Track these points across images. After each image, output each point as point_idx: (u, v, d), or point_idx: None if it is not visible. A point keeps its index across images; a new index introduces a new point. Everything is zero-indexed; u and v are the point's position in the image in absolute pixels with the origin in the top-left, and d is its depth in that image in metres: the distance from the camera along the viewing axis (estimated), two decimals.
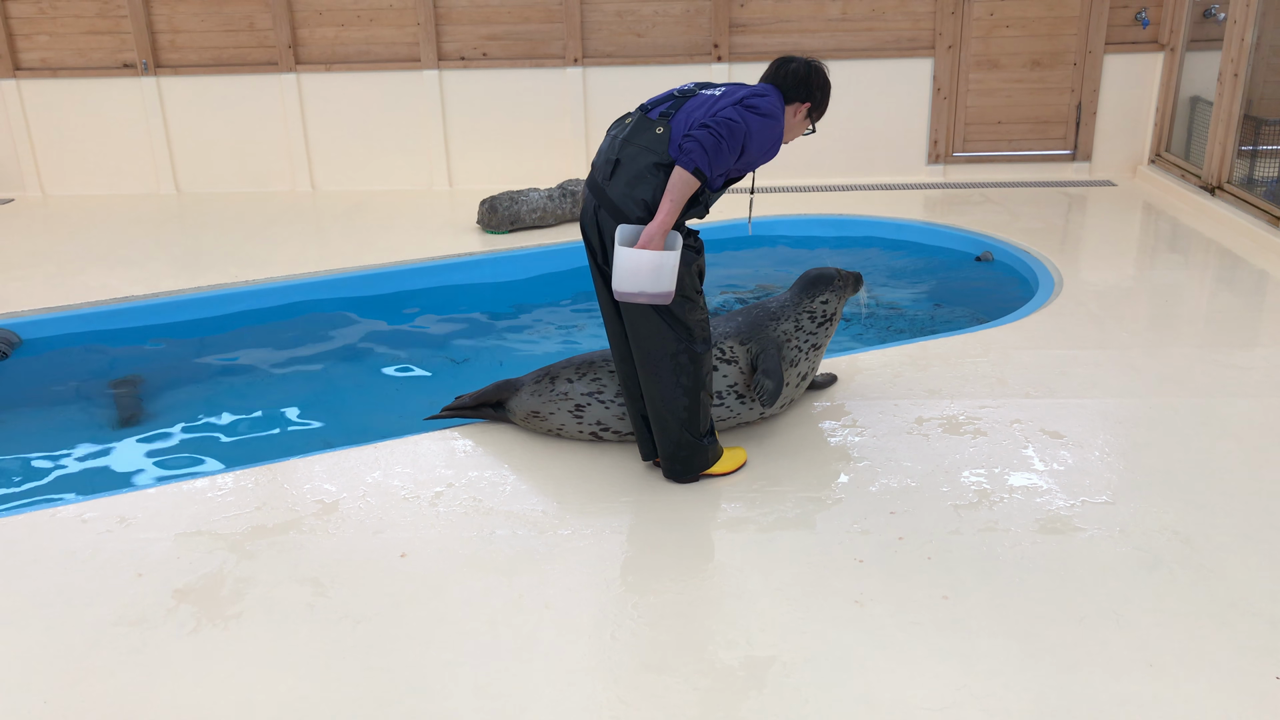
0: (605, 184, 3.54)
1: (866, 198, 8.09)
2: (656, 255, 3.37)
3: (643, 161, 3.47)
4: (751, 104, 3.49)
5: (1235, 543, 3.38)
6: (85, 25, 8.55)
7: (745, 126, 3.43)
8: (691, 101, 3.55)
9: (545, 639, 3.00)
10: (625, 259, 3.38)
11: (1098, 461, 3.92)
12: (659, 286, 3.41)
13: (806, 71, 3.66)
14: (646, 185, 3.47)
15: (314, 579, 3.31)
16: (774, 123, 3.53)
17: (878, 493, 3.73)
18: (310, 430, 4.88)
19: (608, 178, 3.53)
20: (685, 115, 3.49)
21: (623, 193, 3.49)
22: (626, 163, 3.50)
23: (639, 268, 3.38)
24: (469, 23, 8.44)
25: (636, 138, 3.51)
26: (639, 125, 3.53)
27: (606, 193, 3.53)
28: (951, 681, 2.78)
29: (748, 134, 3.44)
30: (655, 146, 3.46)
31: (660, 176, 3.44)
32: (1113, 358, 4.87)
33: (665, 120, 3.49)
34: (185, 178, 8.82)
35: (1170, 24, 8.10)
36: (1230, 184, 7.25)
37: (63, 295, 6.19)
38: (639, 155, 3.48)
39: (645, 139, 3.49)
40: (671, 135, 3.45)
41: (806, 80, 3.66)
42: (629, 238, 3.46)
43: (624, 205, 3.50)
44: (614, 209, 3.52)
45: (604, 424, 4.07)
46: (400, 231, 7.45)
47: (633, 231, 3.48)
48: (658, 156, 3.45)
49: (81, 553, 3.49)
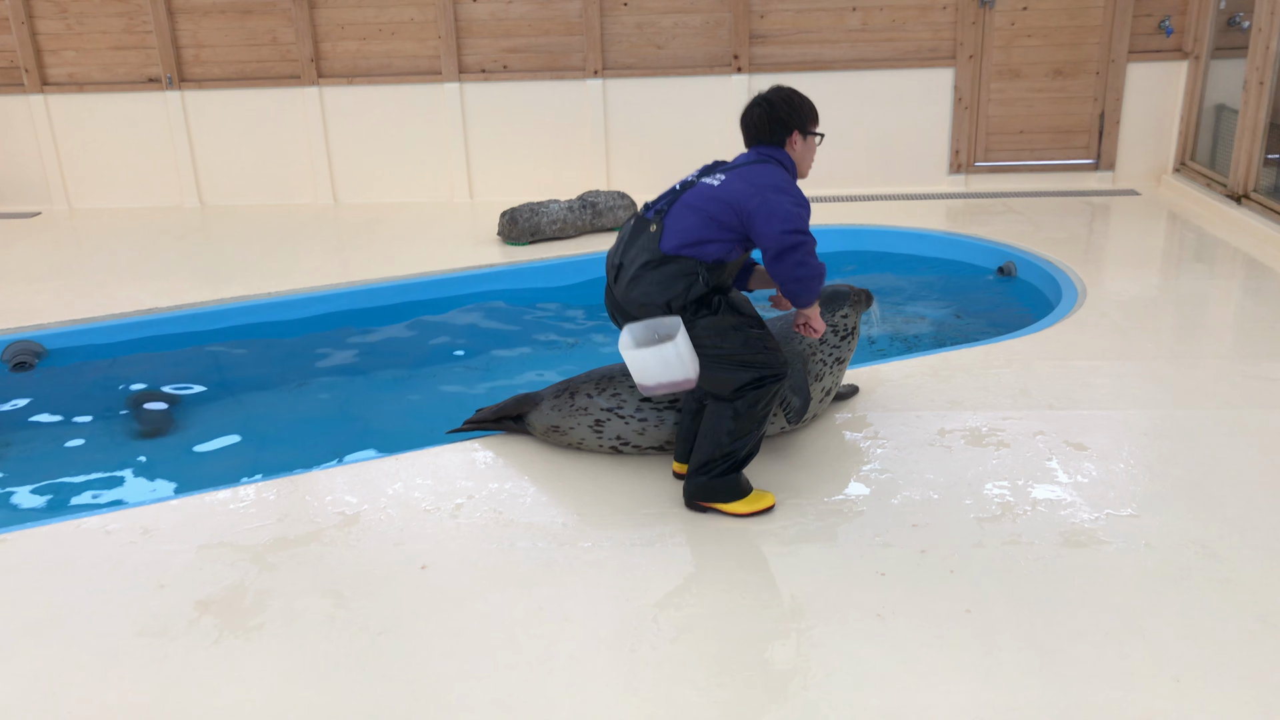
0: (614, 286, 3.69)
1: (887, 208, 8.06)
2: (657, 350, 3.39)
3: (639, 261, 3.56)
4: (760, 183, 3.52)
5: (1262, 556, 3.33)
6: (111, 40, 8.65)
7: (780, 205, 3.47)
8: (689, 193, 3.61)
9: (565, 651, 2.99)
10: (631, 361, 3.46)
11: (1122, 474, 3.89)
12: (673, 375, 3.45)
13: (768, 110, 3.70)
14: (641, 285, 3.55)
15: (335, 590, 3.32)
16: (787, 179, 3.59)
17: (900, 505, 3.71)
18: (331, 442, 4.90)
19: (614, 281, 3.68)
20: (682, 207, 3.57)
21: (624, 294, 3.61)
22: (627, 265, 3.61)
23: (646, 366, 3.45)
24: (489, 35, 8.49)
25: (636, 239, 3.61)
26: (637, 227, 3.64)
27: (614, 294, 3.69)
28: (974, 696, 2.76)
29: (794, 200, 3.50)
30: (649, 245, 3.56)
31: (651, 273, 3.53)
32: (1137, 369, 4.83)
33: (659, 218, 3.59)
34: (209, 190, 8.90)
35: (1194, 32, 8.05)
36: (1256, 192, 7.18)
37: (88, 307, 6.25)
38: (637, 256, 3.58)
39: (642, 240, 3.59)
40: (664, 231, 3.55)
41: (772, 119, 3.70)
42: (629, 339, 3.52)
43: (629, 306, 3.63)
44: (623, 310, 3.68)
45: (624, 438, 4.06)
46: (421, 243, 7.48)
47: (635, 330, 3.55)
48: (649, 254, 3.55)
49: (105, 564, 3.51)
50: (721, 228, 3.53)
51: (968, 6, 8.16)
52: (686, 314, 3.54)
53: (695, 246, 3.52)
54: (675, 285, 3.52)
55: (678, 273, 3.52)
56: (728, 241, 3.55)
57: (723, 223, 3.52)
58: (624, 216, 7.58)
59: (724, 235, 3.53)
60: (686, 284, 3.52)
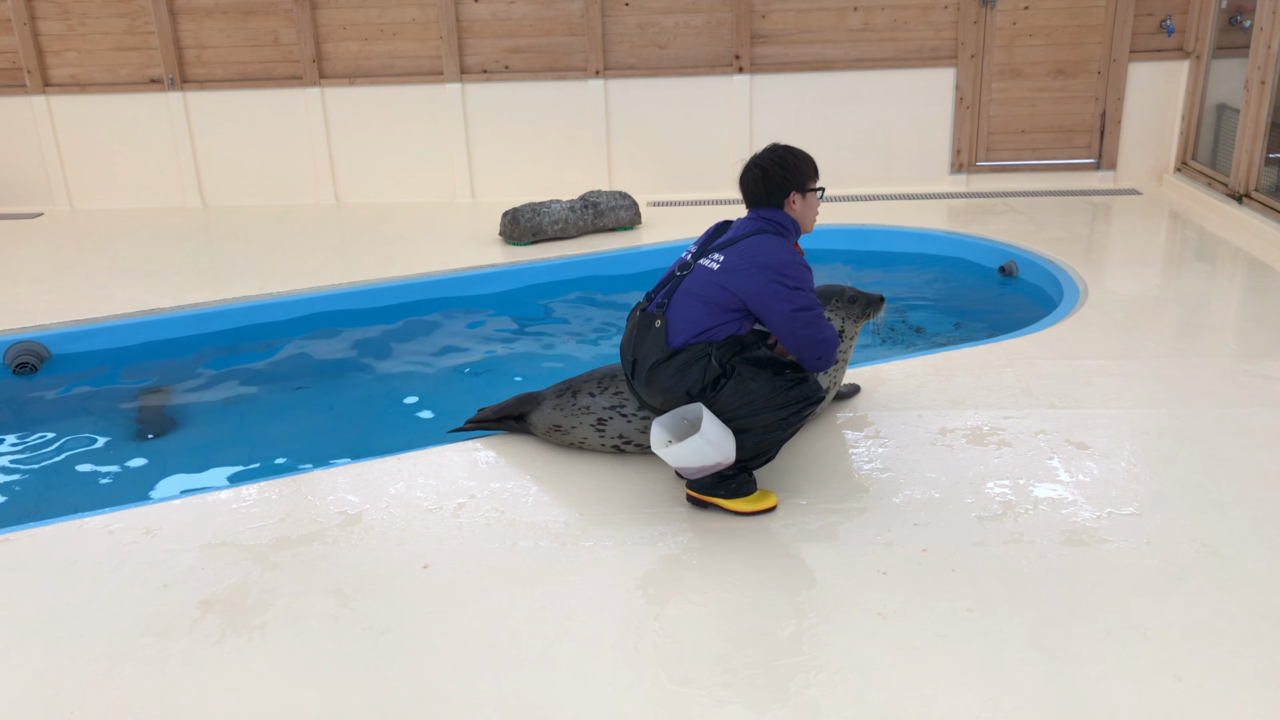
0: (632, 380, 3.78)
1: (889, 208, 8.07)
2: (688, 444, 3.43)
3: (650, 360, 3.64)
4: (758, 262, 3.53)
5: (1264, 555, 3.34)
6: (113, 42, 8.66)
7: (781, 286, 3.51)
8: (689, 279, 3.64)
9: (568, 650, 3.00)
10: (666, 458, 3.51)
11: (1124, 473, 3.89)
12: (708, 460, 3.49)
13: (762, 175, 3.69)
14: (658, 382, 3.63)
15: (337, 590, 3.32)
16: (784, 250, 3.60)
17: (901, 504, 3.71)
18: (334, 441, 4.91)
19: (630, 375, 3.77)
20: (684, 295, 3.62)
21: (645, 390, 3.72)
22: (641, 362, 3.69)
23: (681, 459, 3.50)
24: (491, 36, 8.49)
25: (645, 337, 3.68)
26: (643, 323, 3.69)
27: (633, 386, 3.79)
28: (976, 695, 2.76)
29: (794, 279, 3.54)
30: (658, 343, 3.64)
31: (664, 369, 3.60)
32: (1139, 368, 4.83)
33: (662, 312, 3.65)
34: (211, 191, 8.91)
35: (1195, 31, 8.04)
36: (1258, 192, 7.17)
37: (90, 308, 6.26)
38: (648, 355, 3.65)
39: (650, 339, 3.65)
40: (669, 325, 3.61)
41: (767, 184, 3.69)
42: (660, 435, 3.58)
43: (651, 401, 3.73)
44: (641, 400, 3.83)
45: (626, 437, 4.07)
46: (423, 244, 7.49)
47: (664, 422, 3.60)
48: (659, 353, 3.62)
49: (108, 563, 3.52)
50: (726, 310, 3.59)
51: (969, 6, 8.16)
52: (707, 394, 3.59)
53: (704, 334, 3.59)
54: (691, 374, 3.57)
55: (690, 360, 3.58)
56: (735, 321, 3.61)
57: (726, 306, 3.59)
58: (625, 217, 7.59)
59: (730, 317, 3.60)
60: (701, 369, 3.57)
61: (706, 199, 8.51)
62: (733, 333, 3.60)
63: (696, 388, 3.58)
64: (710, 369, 3.55)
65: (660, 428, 3.60)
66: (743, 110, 8.41)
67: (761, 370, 3.59)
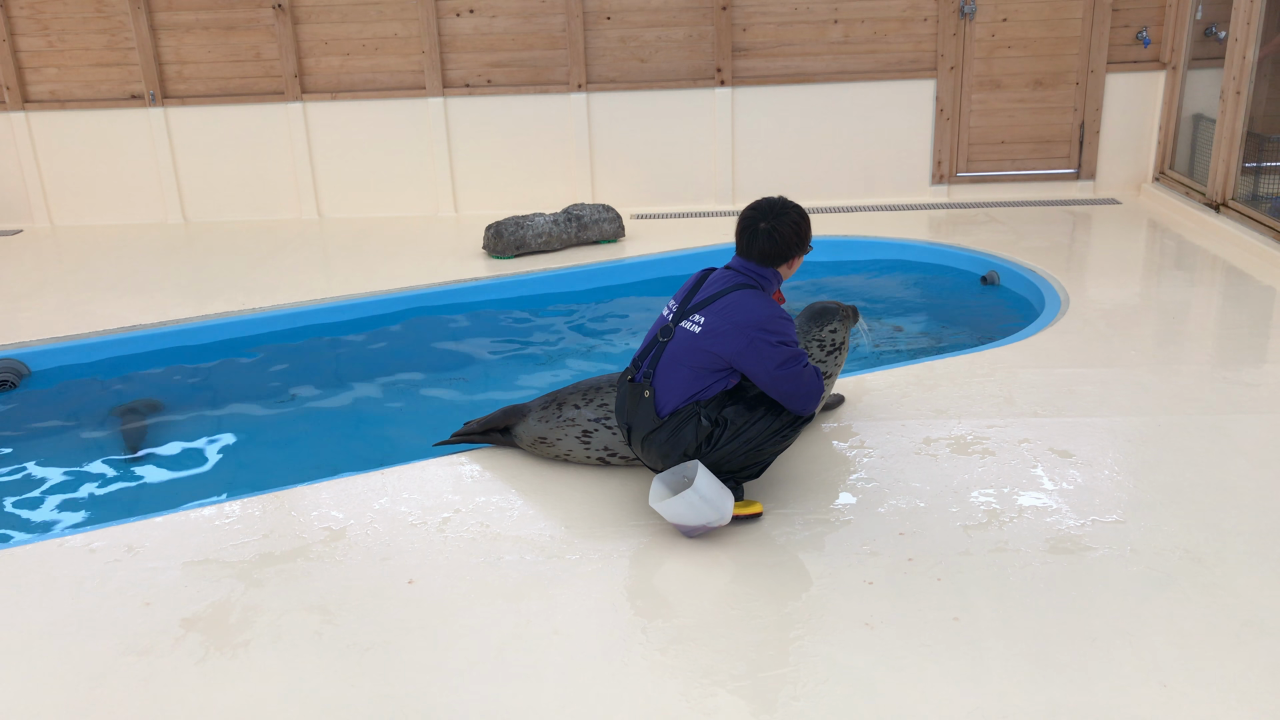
0: (628, 444, 3.84)
1: (871, 219, 8.10)
2: (682, 499, 3.45)
3: (644, 430, 3.68)
4: (739, 321, 3.55)
5: (1247, 560, 3.36)
6: (93, 58, 8.63)
7: (764, 344, 3.53)
8: (672, 345, 3.67)
9: (554, 664, 2.99)
10: (662, 513, 3.53)
11: (1107, 480, 3.91)
12: (705, 518, 3.51)
13: (776, 243, 3.66)
14: (653, 449, 3.68)
15: (322, 606, 3.30)
16: (765, 305, 3.61)
17: (886, 514, 3.72)
18: (317, 457, 4.88)
19: (627, 440, 3.82)
20: (669, 363, 3.65)
21: (642, 454, 3.77)
22: (636, 429, 3.72)
23: (677, 514, 3.52)
24: (473, 50, 8.50)
25: (636, 407, 3.71)
26: (633, 393, 3.72)
27: (631, 447, 3.82)
28: (963, 703, 2.76)
29: (775, 334, 3.56)
30: (648, 413, 3.67)
31: (656, 436, 3.65)
32: (1120, 376, 4.86)
33: (648, 381, 3.67)
34: (192, 207, 8.87)
35: (1171, 43, 8.13)
36: (1235, 201, 7.24)
37: (71, 325, 6.22)
38: (641, 424, 3.69)
39: (642, 409, 3.68)
40: (657, 394, 3.65)
41: (777, 251, 3.68)
42: (659, 491, 3.61)
43: (648, 462, 3.76)
44: (640, 459, 3.84)
45: (611, 449, 4.06)
46: (406, 257, 7.48)
47: (665, 478, 3.63)
48: (651, 423, 3.66)
49: (89, 582, 3.48)
50: (713, 372, 3.62)
51: (948, 18, 8.23)
52: (704, 450, 3.62)
53: (692, 397, 3.62)
54: (685, 435, 3.61)
55: (681, 422, 3.61)
56: (723, 379, 3.64)
57: (713, 368, 3.62)
58: (609, 230, 7.60)
59: (717, 377, 3.63)
60: (694, 429, 3.60)
61: (690, 211, 8.53)
62: (721, 390, 3.65)
63: (692, 447, 3.62)
64: (702, 427, 3.59)
65: (660, 484, 3.63)
66: (725, 123, 8.44)
67: (752, 412, 3.63)
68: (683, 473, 3.63)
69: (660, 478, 3.64)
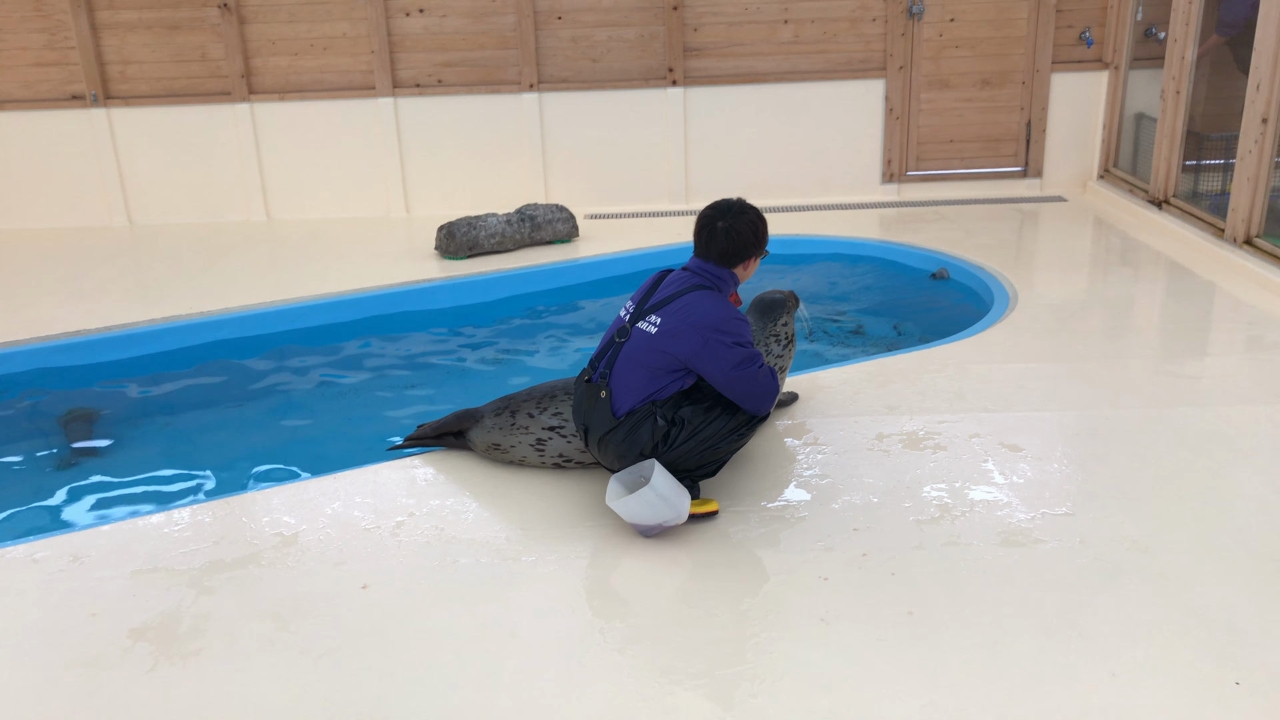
0: (586, 446, 3.83)
1: (822, 218, 8.16)
2: (638, 496, 3.45)
3: (601, 430, 3.67)
4: (695, 322, 3.57)
5: (1193, 551, 3.42)
6: (32, 57, 8.44)
7: (719, 345, 3.56)
8: (629, 346, 3.67)
9: (512, 666, 2.97)
10: (619, 511, 3.53)
11: (1056, 473, 3.97)
12: (661, 516, 3.51)
13: (733, 243, 3.69)
14: (610, 448, 3.67)
15: (275, 613, 3.26)
16: (721, 306, 3.63)
17: (840, 510, 3.74)
18: (268, 462, 4.81)
19: (585, 443, 3.82)
20: (625, 363, 3.66)
21: (599, 454, 3.75)
22: (593, 430, 3.71)
23: (633, 512, 3.51)
24: (424, 50, 8.44)
25: (593, 407, 3.70)
26: (589, 394, 3.72)
27: (589, 447, 3.80)
28: (918, 697, 2.79)
29: (730, 334, 3.58)
30: (604, 414, 3.67)
31: (613, 436, 3.64)
32: (1068, 370, 4.93)
33: (605, 383, 3.68)
34: (138, 210, 8.71)
35: (1113, 43, 8.28)
36: (1176, 198, 7.39)
37: (12, 330, 6.07)
38: (599, 425, 3.68)
39: (598, 410, 3.68)
40: (613, 395, 3.66)
41: (734, 250, 3.71)
42: (616, 489, 3.61)
43: (605, 462, 3.75)
44: (597, 459, 3.83)
45: (566, 456, 4.05)
46: (358, 259, 7.40)
47: (622, 477, 3.63)
48: (608, 423, 3.65)
49: (32, 593, 3.41)
50: (669, 372, 3.63)
51: (897, 18, 8.31)
52: (660, 449, 3.62)
53: (648, 398, 3.62)
54: (641, 435, 3.61)
55: (637, 422, 3.62)
56: (679, 380, 3.65)
57: (669, 369, 3.63)
58: (562, 230, 7.58)
59: (673, 378, 3.64)
60: (649, 428, 3.60)
61: (643, 211, 8.53)
62: (676, 389, 3.66)
63: (649, 446, 3.62)
64: (658, 427, 3.60)
65: (616, 483, 3.63)
66: (677, 122, 8.46)
67: (709, 411, 3.66)
68: (639, 472, 3.63)
69: (617, 477, 3.64)
